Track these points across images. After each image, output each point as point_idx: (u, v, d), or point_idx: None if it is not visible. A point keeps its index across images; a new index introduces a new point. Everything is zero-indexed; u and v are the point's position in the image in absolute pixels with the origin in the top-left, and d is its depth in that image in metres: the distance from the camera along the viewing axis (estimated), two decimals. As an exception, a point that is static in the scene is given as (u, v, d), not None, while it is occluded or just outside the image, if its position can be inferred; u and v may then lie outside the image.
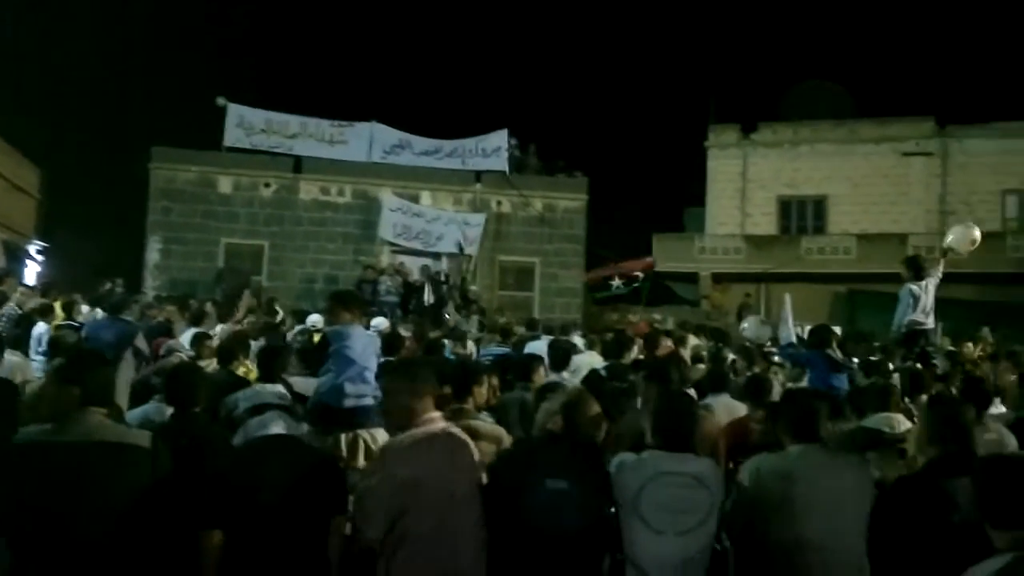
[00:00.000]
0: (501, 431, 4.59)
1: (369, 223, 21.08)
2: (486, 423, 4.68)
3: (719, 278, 24.89)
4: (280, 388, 5.15)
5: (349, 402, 5.35)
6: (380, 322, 11.76)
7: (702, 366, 9.48)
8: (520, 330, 12.49)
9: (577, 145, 22.92)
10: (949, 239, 9.70)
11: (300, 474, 3.53)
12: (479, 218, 20.88)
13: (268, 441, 3.64)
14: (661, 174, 31.12)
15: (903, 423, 4.54)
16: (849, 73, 29.41)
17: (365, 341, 5.59)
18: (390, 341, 7.60)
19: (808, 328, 12.42)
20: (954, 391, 5.77)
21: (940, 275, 9.42)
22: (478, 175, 21.65)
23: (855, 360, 9.72)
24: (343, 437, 5.19)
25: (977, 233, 9.60)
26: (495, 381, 5.93)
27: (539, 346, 9.68)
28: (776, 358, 9.58)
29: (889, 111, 25.96)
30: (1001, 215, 24.68)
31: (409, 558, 3.41)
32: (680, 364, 7.56)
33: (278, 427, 3.66)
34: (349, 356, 5.43)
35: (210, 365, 7.47)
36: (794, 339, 11.38)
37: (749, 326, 10.55)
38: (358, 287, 16.82)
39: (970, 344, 12.60)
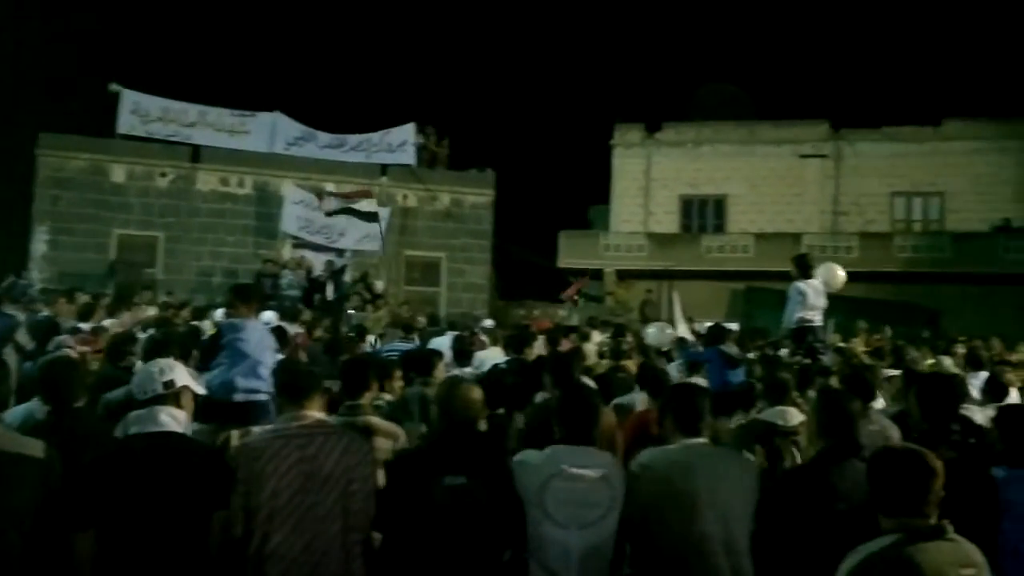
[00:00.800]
0: (397, 427, 4.49)
1: (270, 216, 20.57)
2: (382, 420, 4.57)
3: (623, 275, 25.26)
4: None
5: (240, 396, 5.20)
6: (268, 316, 11.50)
7: (606, 361, 9.59)
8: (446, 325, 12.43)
9: (484, 141, 22.90)
10: (821, 271, 10.02)
11: (178, 470, 3.41)
12: (383, 212, 20.67)
13: (145, 438, 3.48)
14: (568, 171, 31.41)
15: (796, 416, 4.65)
16: (750, 76, 30.37)
17: (260, 335, 5.41)
18: (276, 336, 7.41)
19: (705, 325, 12.78)
20: (839, 384, 5.95)
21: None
22: (384, 169, 21.38)
23: (750, 355, 9.99)
24: (234, 433, 5.01)
25: (842, 274, 9.99)
26: (398, 376, 5.85)
27: (442, 342, 9.62)
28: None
29: (787, 114, 26.85)
30: (890, 216, 25.81)
31: (276, 557, 3.39)
32: (582, 360, 7.67)
33: (156, 423, 3.50)
34: (242, 350, 5.27)
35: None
36: (689, 336, 11.65)
37: (652, 332, 10.69)
38: (258, 281, 16.40)
39: (856, 340, 13.10)
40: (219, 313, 11.83)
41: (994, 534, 3.95)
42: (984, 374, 7.62)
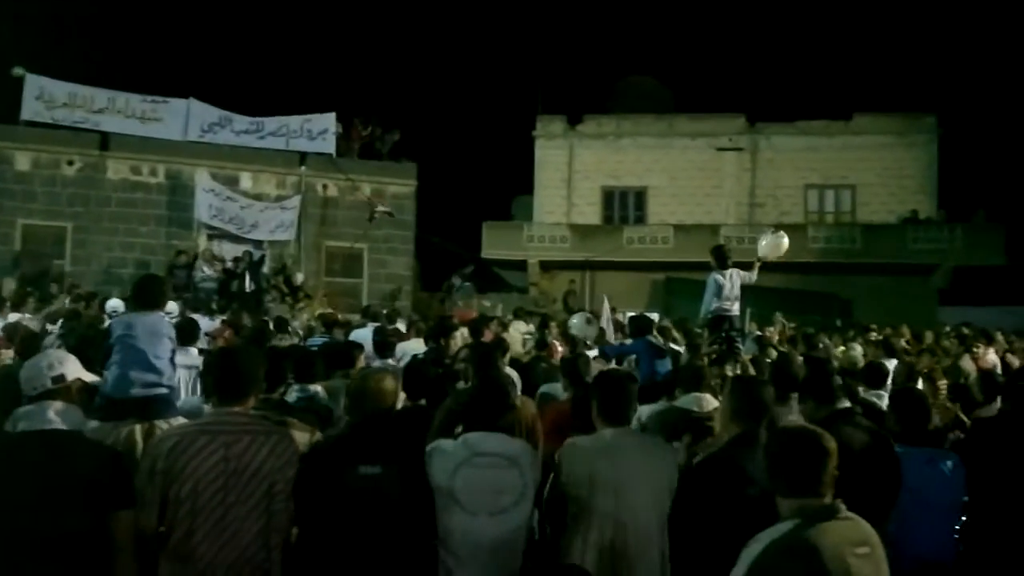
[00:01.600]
0: (314, 420, 4.42)
1: (184, 205, 20.00)
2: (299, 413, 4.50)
3: (546, 266, 25.42)
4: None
5: (136, 391, 5.04)
6: (171, 307, 11.24)
7: (530, 351, 9.64)
8: (355, 318, 12.26)
9: (406, 131, 22.64)
10: (761, 249, 10.23)
11: (67, 469, 3.24)
12: (294, 201, 20.25)
13: (33, 435, 3.29)
14: (491, 162, 31.36)
15: (711, 402, 4.75)
16: (669, 70, 30.76)
17: (153, 328, 5.25)
18: (184, 329, 7.25)
19: (628, 315, 12.94)
20: (753, 372, 6.10)
21: (754, 278, 9.95)
22: (302, 157, 21.00)
23: (672, 345, 10.17)
24: (138, 428, 4.86)
25: (786, 243, 10.18)
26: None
27: (364, 334, 9.52)
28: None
29: (705, 108, 27.29)
30: (804, 208, 26.55)
31: (195, 555, 3.32)
32: (506, 350, 7.69)
33: (44, 419, 3.31)
34: (134, 345, 5.10)
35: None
36: (613, 340, 11.78)
37: (577, 323, 10.74)
38: (170, 272, 15.95)
39: (772, 329, 13.45)
40: (111, 304, 11.54)
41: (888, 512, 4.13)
42: (895, 361, 7.93)
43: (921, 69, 30.25)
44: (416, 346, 8.82)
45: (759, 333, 12.80)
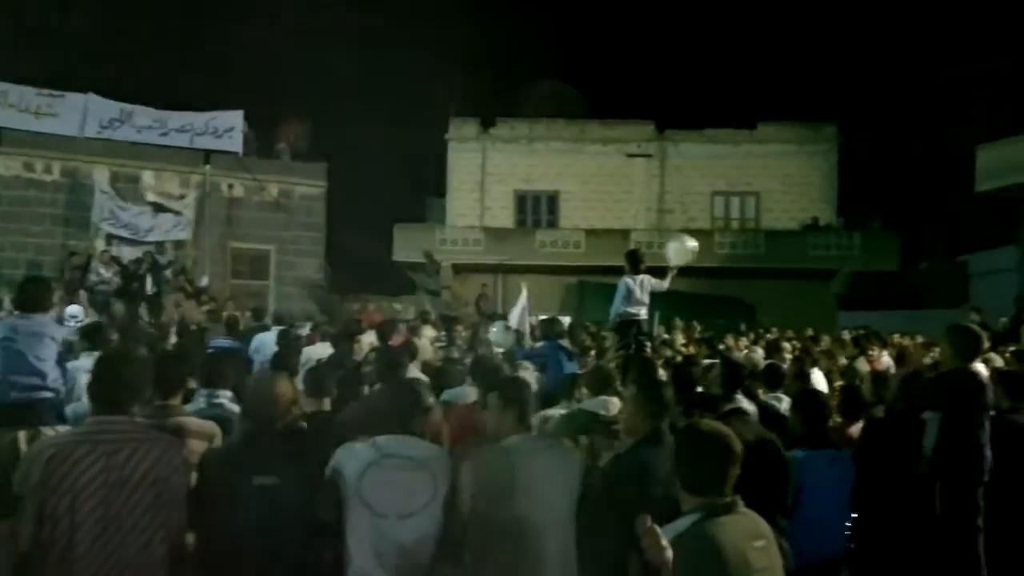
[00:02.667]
0: (213, 427, 4.27)
1: (82, 204, 19.23)
2: (196, 420, 4.34)
3: (459, 269, 25.36)
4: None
5: (17, 395, 4.81)
6: (75, 311, 10.81)
7: (439, 354, 9.56)
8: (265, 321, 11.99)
9: (316, 131, 22.28)
10: (672, 258, 10.37)
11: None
12: (188, 199, 19.68)
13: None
14: (404, 164, 31.11)
15: (617, 405, 4.81)
16: (581, 75, 31.08)
17: (36, 331, 5.02)
18: (90, 332, 6.94)
19: (539, 319, 12.99)
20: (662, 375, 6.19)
21: (666, 287, 10.11)
22: (207, 156, 20.43)
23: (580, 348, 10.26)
24: (22, 435, 4.62)
25: (693, 244, 10.34)
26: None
27: (267, 338, 9.30)
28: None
29: (615, 114, 27.71)
30: (710, 214, 27.21)
31: (77, 570, 3.17)
32: (415, 353, 7.61)
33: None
34: (15, 348, 4.88)
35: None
36: (527, 328, 11.81)
37: (496, 331, 10.69)
38: (63, 274, 15.31)
39: (677, 332, 13.72)
40: (73, 309, 11.15)
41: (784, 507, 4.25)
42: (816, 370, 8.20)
43: (822, 80, 31.35)
44: (322, 350, 8.64)
45: (666, 336, 13.02)
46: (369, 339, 9.11)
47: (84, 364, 6.16)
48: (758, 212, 27.07)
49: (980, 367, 6.88)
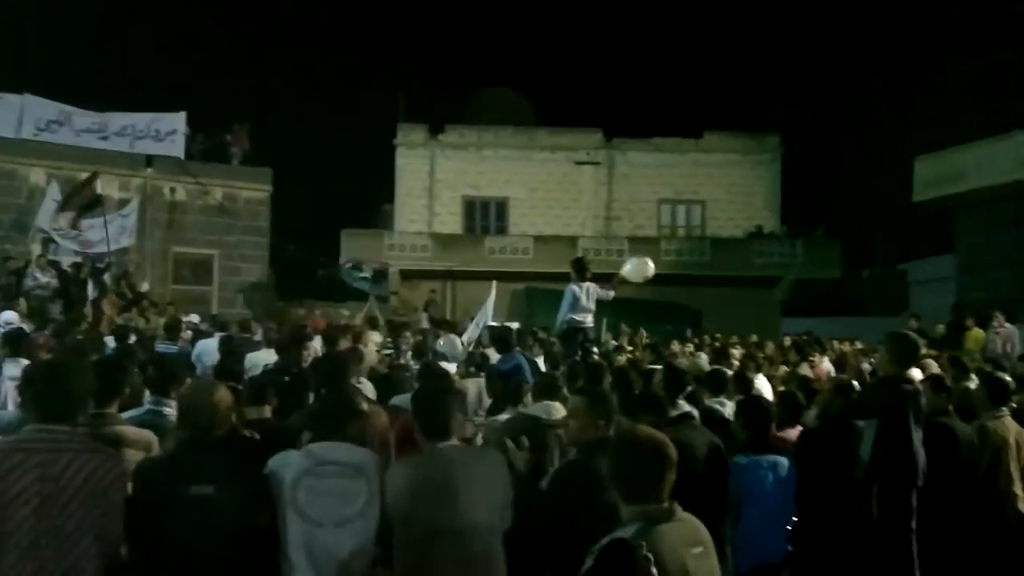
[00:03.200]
0: (150, 436, 4.18)
1: (19, 208, 18.71)
2: (133, 429, 4.25)
3: (407, 275, 25.23)
4: None
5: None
6: (10, 317, 10.54)
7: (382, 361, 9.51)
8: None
9: (261, 135, 22.04)
10: (626, 270, 10.45)
11: None
12: (132, 205, 19.26)
13: None
14: (352, 169, 30.91)
15: (560, 411, 4.83)
16: (530, 83, 31.26)
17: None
18: (13, 338, 6.79)
19: (488, 326, 12.99)
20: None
21: (611, 296, 10.19)
22: (149, 159, 20.03)
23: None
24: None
25: (651, 269, 10.45)
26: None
27: (210, 344, 9.16)
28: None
29: (564, 122, 27.86)
30: (657, 222, 27.54)
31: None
32: (360, 360, 7.55)
33: None
34: None
35: None
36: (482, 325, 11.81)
37: (447, 345, 10.63)
38: (-2, 279, 14.88)
39: (623, 338, 13.84)
40: (8, 315, 10.81)
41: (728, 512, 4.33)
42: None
43: (766, 90, 32.00)
44: (267, 356, 8.51)
45: (615, 343, 13.12)
46: (316, 345, 9.01)
47: (8, 371, 5.99)
48: (704, 220, 27.47)
49: (916, 373, 7.08)
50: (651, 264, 10.48)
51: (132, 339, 9.59)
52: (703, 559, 2.88)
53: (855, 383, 6.13)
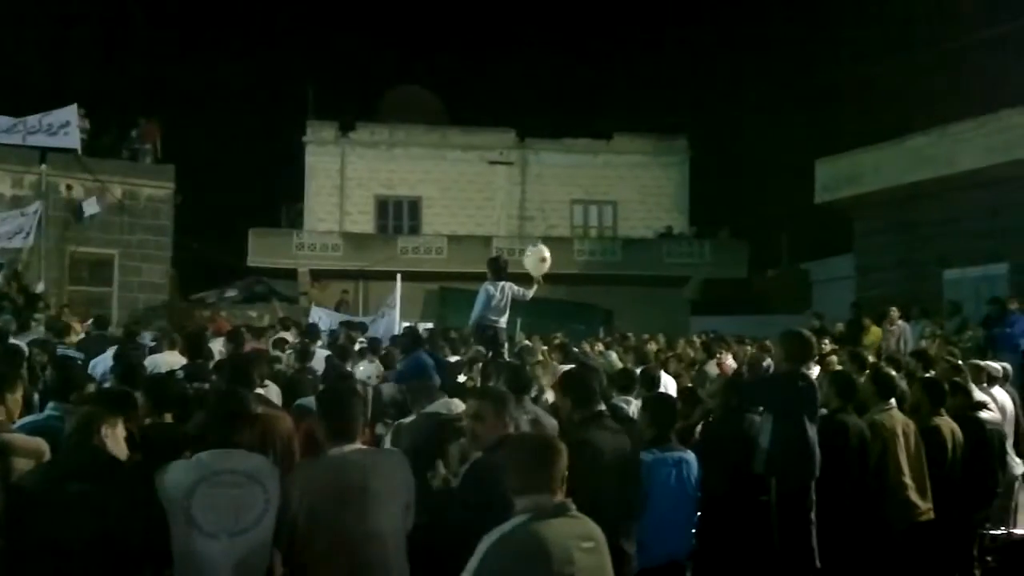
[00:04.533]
0: (41, 445, 4.03)
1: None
2: (22, 436, 4.09)
3: (318, 275, 24.90)
4: None
5: None
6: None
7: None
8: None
9: (166, 132, 21.38)
10: (530, 268, 10.53)
11: None
12: (34, 206, 18.47)
13: None
14: (261, 167, 30.29)
15: (459, 405, 4.90)
16: (442, 83, 31.17)
17: None
18: None
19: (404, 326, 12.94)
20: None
21: (529, 296, 10.26)
22: (43, 155, 19.22)
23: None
24: None
25: (544, 250, 10.53)
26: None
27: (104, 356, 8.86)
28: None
29: (477, 121, 27.86)
30: (570, 222, 27.82)
31: None
32: (265, 362, 7.44)
33: None
34: None
35: None
36: (395, 330, 11.76)
37: (362, 368, 10.50)
38: None
39: (536, 338, 13.97)
40: None
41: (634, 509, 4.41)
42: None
43: (674, 93, 32.70)
44: (171, 359, 8.31)
45: (527, 343, 13.20)
46: (219, 347, 8.81)
47: None
48: (615, 220, 27.87)
49: (813, 369, 7.35)
50: (543, 248, 10.57)
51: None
52: (592, 554, 2.96)
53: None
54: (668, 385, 8.16)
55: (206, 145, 27.98)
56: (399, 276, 13.36)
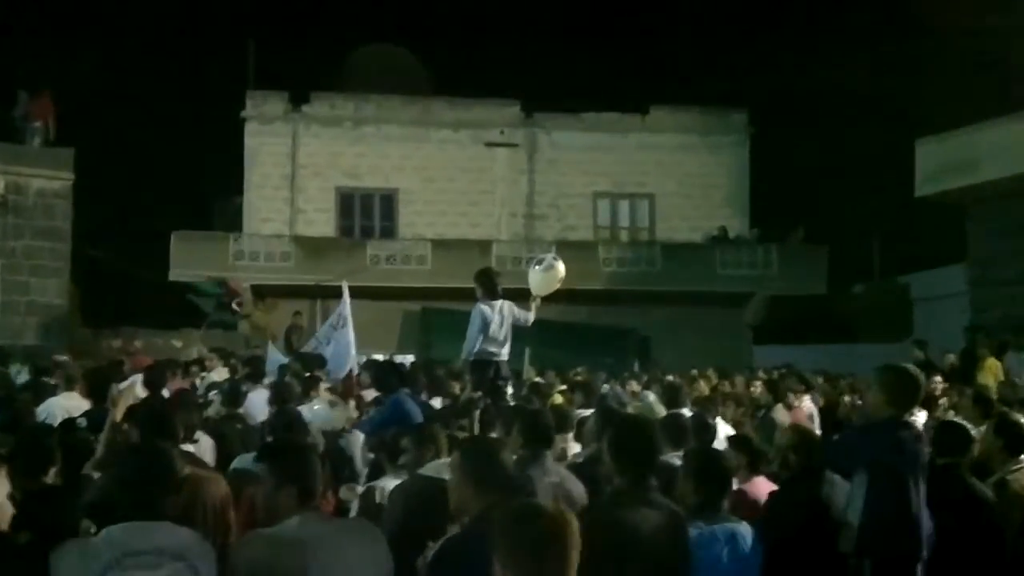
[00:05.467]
0: None
1: None
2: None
3: (263, 292, 24.89)
4: None
5: None
6: None
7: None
8: None
9: (61, 107, 21.46)
10: (534, 284, 10.50)
11: None
12: None
13: None
14: (186, 152, 30.35)
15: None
16: (425, 41, 31.18)
17: None
18: None
19: (366, 360, 12.90)
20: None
21: (531, 319, 10.24)
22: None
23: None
24: None
25: (560, 267, 10.50)
26: None
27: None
28: None
29: (470, 91, 27.91)
30: (593, 222, 27.85)
31: None
32: (191, 408, 7.42)
33: None
34: None
35: None
36: (353, 358, 11.75)
37: (319, 410, 10.49)
38: None
39: (551, 373, 13.95)
40: None
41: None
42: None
43: (731, 56, 32.77)
44: (69, 403, 8.33)
45: (537, 380, 13.18)
46: (137, 389, 8.83)
47: None
48: (652, 220, 27.89)
49: (919, 417, 7.32)
50: (559, 263, 10.52)
51: None
52: None
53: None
54: (723, 436, 8.14)
55: (113, 124, 28.09)
56: (345, 285, 13.35)
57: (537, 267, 10.49)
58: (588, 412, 8.08)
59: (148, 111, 29.72)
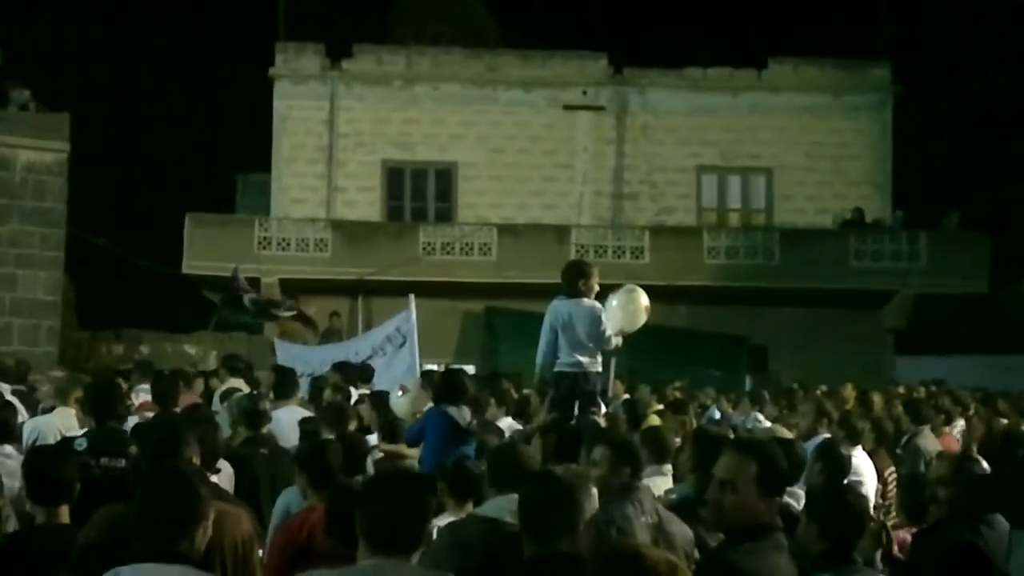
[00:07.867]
0: None
1: None
2: None
3: (293, 287, 25.10)
4: None
5: None
6: None
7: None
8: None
9: (52, 68, 21.81)
10: (613, 320, 10.44)
11: None
12: None
13: None
14: (201, 118, 30.77)
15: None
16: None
17: None
18: None
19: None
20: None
21: (617, 343, 10.21)
22: None
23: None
24: None
25: (644, 301, 10.42)
26: None
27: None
28: None
29: (547, 44, 27.92)
30: (696, 203, 27.69)
31: None
32: (208, 426, 7.52)
33: None
34: None
35: None
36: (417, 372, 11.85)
37: (401, 401, 10.58)
38: None
39: (644, 387, 13.92)
40: None
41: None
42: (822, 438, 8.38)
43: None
44: (64, 422, 8.49)
45: (627, 396, 13.18)
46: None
47: None
48: (770, 200, 27.71)
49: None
50: (643, 296, 10.42)
51: None
52: None
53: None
54: (863, 469, 8.04)
55: (116, 85, 28.53)
56: (412, 298, 13.40)
57: (614, 302, 10.42)
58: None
59: (158, 70, 30.12)
